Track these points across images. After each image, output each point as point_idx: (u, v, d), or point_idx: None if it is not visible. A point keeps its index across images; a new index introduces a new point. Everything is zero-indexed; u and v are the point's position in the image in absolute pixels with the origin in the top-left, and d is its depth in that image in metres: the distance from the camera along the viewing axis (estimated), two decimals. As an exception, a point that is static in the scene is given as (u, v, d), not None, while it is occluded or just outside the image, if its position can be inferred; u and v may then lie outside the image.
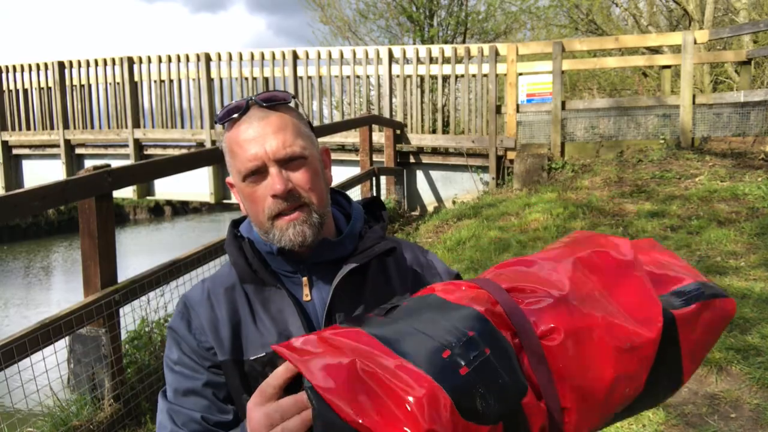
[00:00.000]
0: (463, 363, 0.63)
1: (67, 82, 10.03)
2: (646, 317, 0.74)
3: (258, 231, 1.00)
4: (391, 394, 0.60)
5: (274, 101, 0.98)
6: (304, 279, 1.00)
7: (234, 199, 1.06)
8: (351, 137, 7.98)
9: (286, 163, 0.95)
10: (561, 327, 0.68)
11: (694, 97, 7.04)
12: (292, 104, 1.01)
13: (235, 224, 1.08)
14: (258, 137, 0.94)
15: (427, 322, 0.68)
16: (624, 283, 0.77)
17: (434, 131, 8.65)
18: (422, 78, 8.44)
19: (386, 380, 0.61)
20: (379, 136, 8.06)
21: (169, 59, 9.35)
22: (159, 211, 22.55)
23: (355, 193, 6.54)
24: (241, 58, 9.12)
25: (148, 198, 10.48)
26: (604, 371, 0.69)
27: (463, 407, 0.60)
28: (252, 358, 0.96)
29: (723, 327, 0.83)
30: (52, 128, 10.14)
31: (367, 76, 8.84)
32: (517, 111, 7.78)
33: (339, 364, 0.62)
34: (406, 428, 0.58)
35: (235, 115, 0.97)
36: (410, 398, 0.59)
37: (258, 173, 0.95)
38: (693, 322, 0.77)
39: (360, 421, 0.59)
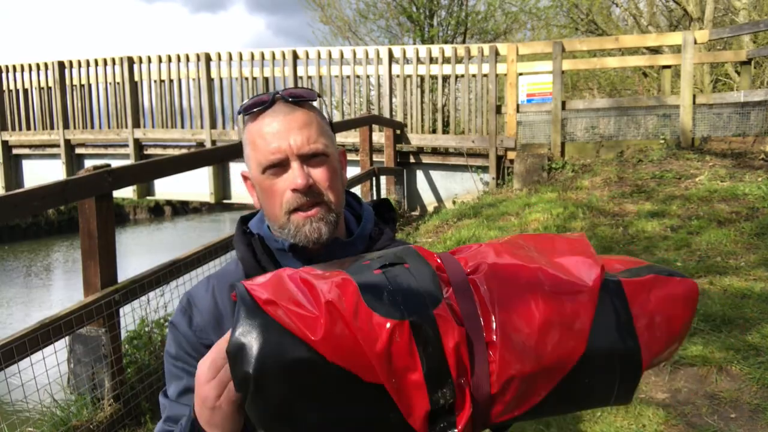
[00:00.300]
0: (377, 266, 0.70)
1: (67, 82, 10.03)
2: (583, 272, 0.71)
3: (272, 225, 1.00)
4: (310, 286, 0.66)
5: (300, 98, 0.98)
6: None
7: (234, 199, 1.06)
8: (351, 137, 7.98)
9: (309, 159, 0.96)
10: (487, 263, 0.70)
11: (694, 97, 7.04)
12: (316, 103, 1.01)
13: (244, 220, 1.08)
14: (283, 131, 0.95)
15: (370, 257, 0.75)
16: (567, 251, 0.75)
17: (434, 131, 8.65)
18: (422, 78, 8.44)
19: (310, 279, 0.67)
20: (379, 136, 8.06)
21: (169, 59, 9.35)
22: (159, 211, 22.55)
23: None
24: (241, 58, 9.12)
25: (148, 198, 10.48)
26: (532, 310, 0.66)
27: (368, 298, 0.64)
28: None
29: (688, 307, 0.75)
30: (52, 128, 10.14)
31: (367, 76, 8.83)
32: (517, 111, 7.78)
33: (274, 274, 0.70)
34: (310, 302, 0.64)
35: (260, 108, 0.98)
36: (321, 285, 0.65)
37: (279, 166, 0.95)
38: (645, 294, 0.73)
39: (268, 297, 0.64)
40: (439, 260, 0.72)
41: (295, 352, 0.62)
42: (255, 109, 0.98)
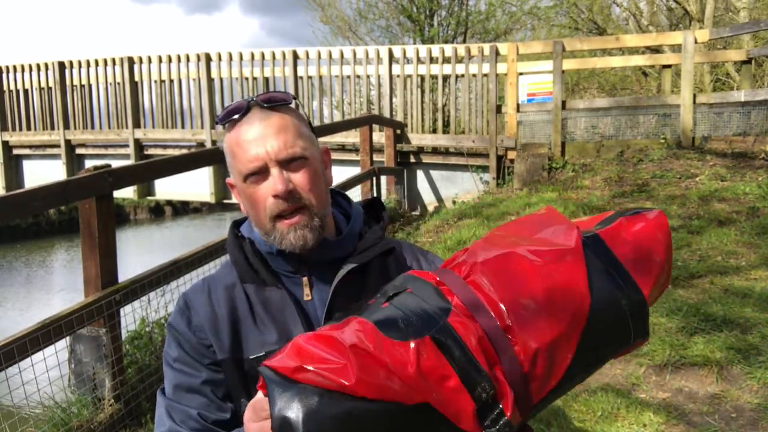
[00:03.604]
0: (383, 300, 0.74)
1: (68, 82, 10.03)
2: (562, 237, 0.77)
3: (259, 232, 1.01)
4: (329, 340, 0.68)
5: (275, 102, 0.98)
6: (305, 279, 1.01)
7: (234, 199, 1.07)
8: (351, 137, 7.98)
9: (288, 163, 0.96)
10: (478, 262, 0.74)
11: (694, 96, 7.03)
12: (292, 105, 1.01)
13: (236, 224, 1.09)
14: (259, 138, 0.95)
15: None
16: (541, 226, 0.81)
17: (434, 131, 8.65)
18: (422, 78, 8.44)
19: (326, 334, 0.69)
20: (380, 136, 8.06)
21: (170, 59, 9.35)
22: (159, 211, 22.55)
23: (355, 193, 6.54)
24: (241, 58, 9.12)
25: (149, 198, 10.49)
26: (531, 286, 0.71)
27: (386, 330, 0.67)
28: (252, 356, 0.96)
29: (661, 232, 0.81)
30: (52, 128, 10.14)
31: (368, 76, 8.83)
32: (518, 111, 7.77)
33: (291, 344, 0.70)
34: (331, 354, 0.66)
35: (236, 116, 0.98)
36: (340, 335, 0.68)
37: (259, 174, 0.96)
38: (621, 236, 0.79)
39: (295, 366, 0.66)
40: (437, 277, 0.77)
41: (336, 407, 0.63)
42: (231, 118, 0.98)
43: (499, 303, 0.69)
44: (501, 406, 0.67)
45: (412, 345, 0.65)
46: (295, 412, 0.63)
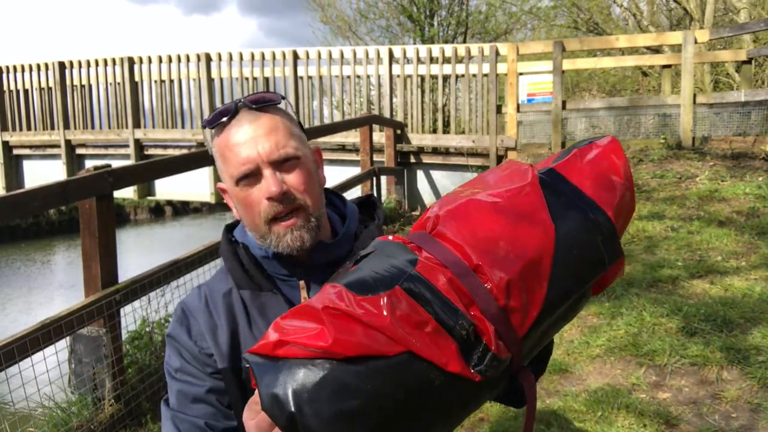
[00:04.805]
0: (351, 264, 0.76)
1: (68, 82, 10.04)
2: (519, 178, 0.79)
3: (254, 236, 0.98)
4: (303, 311, 0.68)
5: (263, 102, 0.96)
6: (301, 282, 0.99)
7: (232, 201, 1.05)
8: (351, 137, 7.98)
9: (280, 164, 0.93)
10: (439, 215, 0.76)
11: (694, 96, 7.03)
12: (281, 105, 0.99)
13: (229, 229, 1.06)
14: (250, 140, 0.93)
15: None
16: (501, 174, 0.82)
17: (435, 131, 8.65)
18: (422, 78, 8.44)
19: (299, 307, 0.70)
20: (380, 136, 8.06)
21: (170, 59, 9.35)
22: (159, 212, 22.55)
23: (355, 193, 6.53)
24: (241, 58, 9.12)
25: (149, 198, 10.49)
26: (493, 223, 0.72)
27: (357, 290, 0.68)
28: (248, 365, 0.95)
29: (616, 155, 0.83)
30: (52, 128, 10.14)
31: (368, 76, 8.84)
32: (518, 111, 7.77)
33: (269, 329, 0.70)
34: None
35: (224, 119, 0.96)
36: (312, 303, 0.68)
37: (251, 176, 0.93)
38: (576, 166, 0.81)
39: (274, 341, 0.65)
40: (404, 238, 0.78)
41: (321, 373, 0.63)
42: (220, 121, 0.96)
43: (464, 246, 0.70)
44: (484, 342, 0.67)
45: (384, 297, 0.66)
46: (281, 387, 0.63)
